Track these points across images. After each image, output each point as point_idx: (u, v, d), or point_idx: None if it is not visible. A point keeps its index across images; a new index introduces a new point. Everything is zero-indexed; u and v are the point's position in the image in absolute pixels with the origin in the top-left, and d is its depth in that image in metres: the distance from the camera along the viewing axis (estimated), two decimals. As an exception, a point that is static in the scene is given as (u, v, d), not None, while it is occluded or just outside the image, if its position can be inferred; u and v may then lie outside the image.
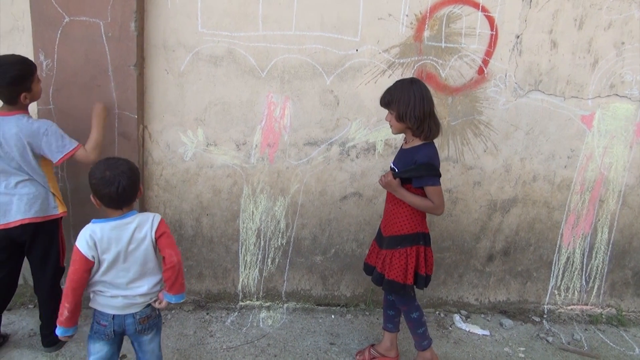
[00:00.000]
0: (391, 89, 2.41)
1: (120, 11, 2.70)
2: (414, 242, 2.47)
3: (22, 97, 2.37)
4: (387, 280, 2.49)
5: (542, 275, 3.49)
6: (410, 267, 2.45)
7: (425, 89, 2.38)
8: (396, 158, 2.56)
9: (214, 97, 2.99)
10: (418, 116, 2.34)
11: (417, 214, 2.48)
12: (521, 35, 3.04)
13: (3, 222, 2.46)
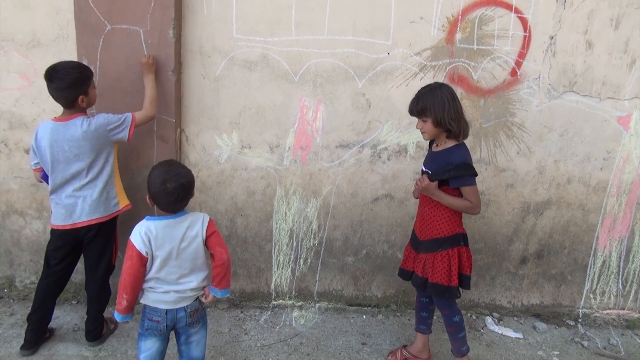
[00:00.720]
0: (421, 97, 2.42)
1: (159, 19, 2.79)
2: (454, 243, 2.49)
3: (79, 100, 2.52)
4: (432, 284, 2.50)
5: (577, 279, 3.44)
6: (454, 268, 2.47)
7: (453, 90, 2.42)
8: (427, 161, 2.58)
9: (248, 101, 3.06)
10: (454, 117, 2.37)
11: (455, 215, 2.50)
12: (555, 36, 3.01)
13: (69, 222, 2.62)
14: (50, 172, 2.58)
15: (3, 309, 3.24)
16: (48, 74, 2.48)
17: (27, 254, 3.34)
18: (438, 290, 2.49)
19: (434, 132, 2.44)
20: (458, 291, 2.53)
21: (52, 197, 2.65)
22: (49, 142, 2.52)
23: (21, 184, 3.19)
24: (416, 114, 2.45)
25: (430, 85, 2.45)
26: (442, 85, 2.43)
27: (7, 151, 3.13)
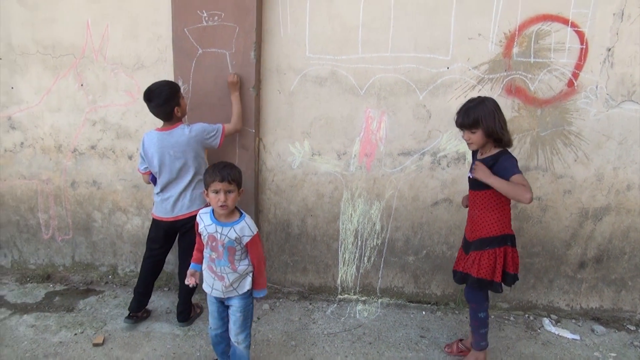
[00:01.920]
0: (470, 110, 2.57)
1: (242, 43, 3.21)
2: (501, 243, 2.64)
3: (175, 111, 3.00)
4: (476, 279, 2.67)
5: (638, 284, 3.49)
6: (499, 266, 2.63)
7: (497, 102, 2.60)
8: (472, 168, 2.72)
9: (318, 113, 3.41)
10: (502, 127, 2.55)
11: (504, 217, 2.65)
12: (612, 48, 3.12)
13: (172, 215, 3.12)
14: (159, 174, 3.08)
15: (108, 292, 3.79)
16: (146, 95, 2.98)
17: (128, 246, 3.86)
18: (482, 284, 2.66)
19: (482, 142, 2.60)
20: (500, 287, 2.67)
21: (159, 194, 3.13)
22: (157, 149, 3.01)
23: (125, 186, 3.72)
24: (467, 127, 2.60)
25: (476, 99, 2.61)
26: (486, 98, 2.60)
27: (115, 157, 3.67)
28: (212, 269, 2.54)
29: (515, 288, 3.58)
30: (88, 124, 3.61)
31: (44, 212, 3.86)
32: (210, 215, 2.51)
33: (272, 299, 3.73)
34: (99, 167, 3.70)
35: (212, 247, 2.50)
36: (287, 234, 3.68)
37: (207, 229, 2.49)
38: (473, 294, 2.78)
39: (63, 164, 3.73)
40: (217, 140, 3.10)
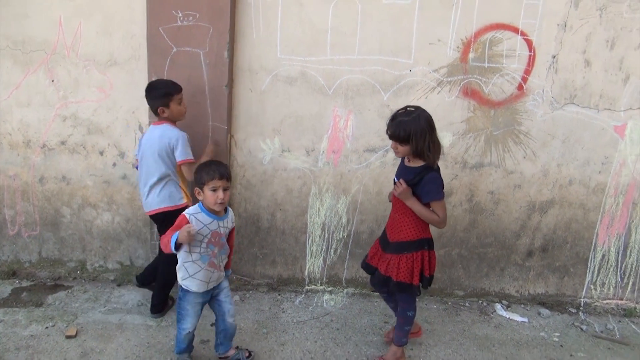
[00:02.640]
0: (404, 124, 2.55)
1: (216, 43, 3.33)
2: (419, 247, 2.74)
3: (160, 110, 3.09)
4: (396, 282, 2.74)
5: (578, 271, 3.83)
6: (416, 269, 2.72)
7: (430, 118, 2.61)
8: (399, 172, 2.81)
9: (288, 111, 3.57)
10: (431, 149, 2.58)
11: (422, 222, 2.72)
12: (557, 56, 3.44)
13: (146, 210, 3.24)
14: (139, 166, 3.19)
15: (77, 287, 3.81)
16: (146, 87, 3.14)
17: (98, 241, 3.90)
18: (401, 288, 2.74)
19: (408, 154, 2.66)
20: (418, 289, 2.79)
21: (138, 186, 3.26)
22: (144, 140, 3.15)
23: (95, 181, 3.76)
24: (399, 140, 2.59)
25: (413, 112, 2.59)
26: (422, 112, 2.59)
27: (85, 153, 3.70)
28: (213, 264, 2.67)
29: (470, 276, 3.86)
30: (58, 119, 3.63)
31: (10, 207, 3.84)
32: (206, 214, 2.60)
33: (242, 290, 3.86)
34: (68, 162, 3.72)
35: (214, 242, 2.63)
36: (257, 228, 3.82)
37: (210, 227, 2.60)
38: (401, 295, 2.84)
39: (31, 159, 3.72)
40: (180, 158, 3.11)
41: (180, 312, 2.76)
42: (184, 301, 2.73)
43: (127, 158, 3.69)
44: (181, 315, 2.75)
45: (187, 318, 2.74)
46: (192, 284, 2.67)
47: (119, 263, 3.93)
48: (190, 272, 2.65)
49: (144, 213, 3.73)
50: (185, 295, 2.72)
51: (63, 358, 2.93)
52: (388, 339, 3.22)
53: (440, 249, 3.80)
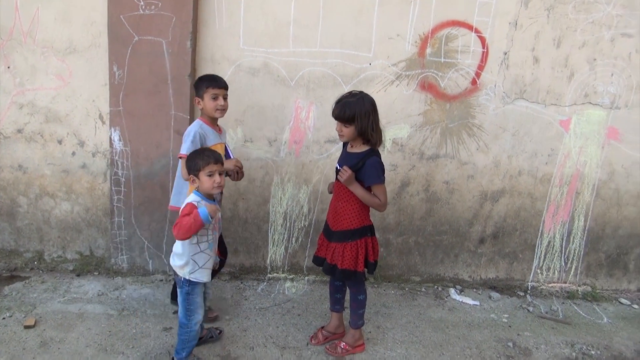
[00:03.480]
0: (350, 105, 2.62)
1: (179, 32, 3.34)
2: (362, 234, 2.79)
3: (195, 100, 2.99)
4: (341, 270, 2.79)
5: (526, 257, 4.06)
6: (360, 256, 2.78)
7: (374, 100, 2.70)
8: (341, 160, 2.85)
9: (251, 102, 3.62)
10: (375, 129, 2.66)
11: (363, 210, 2.79)
12: (508, 52, 3.62)
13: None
14: None
15: (35, 278, 3.75)
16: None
17: (56, 231, 3.85)
18: (346, 275, 2.80)
19: (353, 137, 2.70)
20: (364, 275, 2.85)
21: None
22: None
23: (53, 170, 3.71)
24: (345, 120, 2.65)
25: (357, 94, 2.68)
26: (365, 95, 2.68)
27: (43, 141, 3.64)
28: (215, 250, 2.73)
29: (426, 263, 4.03)
30: (14, 107, 3.56)
31: (-38, 197, 3.75)
32: (206, 200, 2.57)
33: (204, 279, 3.89)
34: (25, 151, 3.65)
35: (216, 227, 2.68)
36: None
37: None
38: (350, 282, 2.91)
39: (-15, 147, 3.64)
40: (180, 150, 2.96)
41: (190, 308, 2.69)
42: (193, 295, 2.68)
43: (86, 147, 3.65)
44: (191, 310, 2.69)
45: (198, 310, 2.71)
46: (202, 275, 2.65)
47: (78, 253, 3.90)
48: (200, 263, 2.62)
49: (104, 202, 3.74)
50: (194, 288, 2.67)
51: (22, 348, 2.91)
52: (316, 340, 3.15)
53: (398, 237, 3.95)
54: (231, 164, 3.01)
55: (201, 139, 2.89)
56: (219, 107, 2.91)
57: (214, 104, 2.91)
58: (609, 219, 3.99)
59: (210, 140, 2.96)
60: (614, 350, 3.31)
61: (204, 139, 2.91)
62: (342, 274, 2.80)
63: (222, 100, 2.92)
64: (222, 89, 2.92)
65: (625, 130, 3.78)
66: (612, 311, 3.87)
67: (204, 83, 2.92)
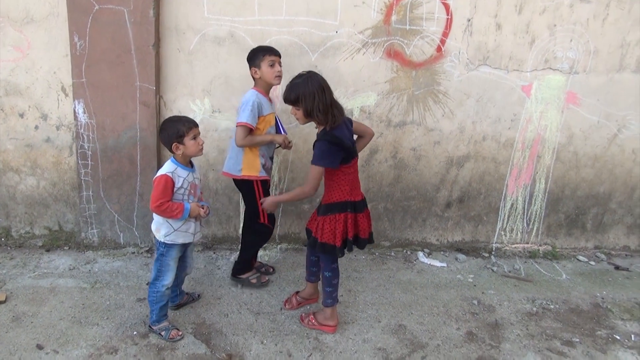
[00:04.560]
0: (295, 87, 2.62)
1: (141, 0, 3.27)
2: (342, 209, 2.76)
3: (252, 71, 3.13)
4: (320, 243, 2.78)
5: (491, 219, 4.21)
6: (338, 231, 2.74)
7: (323, 80, 2.65)
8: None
9: (218, 72, 3.59)
10: (323, 110, 2.59)
11: (344, 184, 2.75)
12: (472, 19, 3.68)
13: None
14: None
15: (3, 254, 3.71)
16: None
17: (22, 207, 3.79)
18: (325, 249, 2.79)
19: (305, 120, 2.70)
20: (341, 251, 2.81)
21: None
22: None
23: (16, 145, 3.63)
24: (289, 102, 2.67)
25: (303, 75, 2.64)
26: (313, 76, 2.63)
27: (4, 115, 3.55)
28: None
29: (395, 228, 4.14)
30: (-29, 80, 3.45)
31: None
32: (182, 168, 2.68)
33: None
34: (-15, 125, 3.56)
35: (193, 193, 2.74)
36: (189, 189, 3.86)
37: (188, 179, 2.69)
38: (324, 257, 2.90)
39: (-57, 122, 3.53)
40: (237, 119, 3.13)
41: (161, 269, 2.77)
42: (167, 257, 2.76)
43: (50, 120, 3.58)
44: (161, 272, 2.78)
45: (168, 273, 2.79)
46: (178, 237, 2.74)
47: (46, 229, 3.85)
48: (175, 226, 2.71)
49: (71, 176, 3.69)
50: (168, 250, 2.75)
51: (-6, 323, 2.90)
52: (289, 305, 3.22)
53: (368, 203, 4.01)
54: (280, 139, 3.20)
55: (259, 107, 3.06)
56: (277, 73, 3.07)
57: (272, 70, 3.06)
58: (568, 181, 4.15)
59: (265, 109, 3.14)
60: (571, 303, 3.50)
61: (260, 108, 3.08)
62: (321, 248, 2.80)
63: (278, 67, 3.08)
64: (278, 56, 3.09)
65: (584, 94, 3.91)
66: (570, 268, 4.07)
67: (259, 52, 3.07)
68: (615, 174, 4.16)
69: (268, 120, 3.19)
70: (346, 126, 2.77)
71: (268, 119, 3.18)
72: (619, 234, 4.37)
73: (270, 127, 3.23)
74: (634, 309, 3.45)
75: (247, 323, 3.04)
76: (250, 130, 3.08)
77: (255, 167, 3.20)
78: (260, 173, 3.21)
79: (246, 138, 3.07)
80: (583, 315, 3.36)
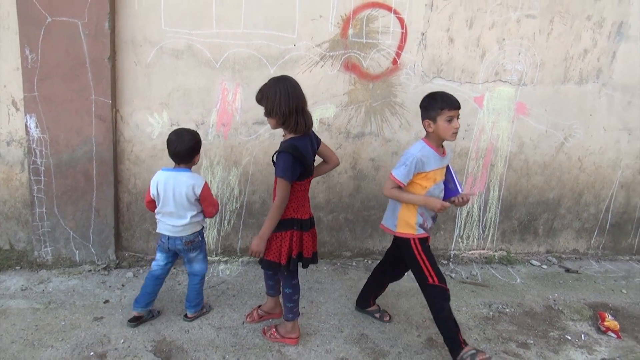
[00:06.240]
0: (262, 87, 2.61)
1: (95, 12, 3.22)
2: (288, 227, 2.71)
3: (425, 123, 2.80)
4: (265, 260, 2.77)
5: (448, 227, 4.32)
6: (284, 249, 2.71)
7: (292, 86, 2.58)
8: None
9: (176, 85, 3.57)
10: (284, 112, 2.53)
11: (293, 201, 2.70)
12: (425, 33, 3.80)
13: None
14: None
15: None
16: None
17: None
18: (268, 266, 2.79)
19: (272, 122, 2.64)
20: (287, 269, 2.76)
21: None
22: None
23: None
24: (257, 102, 2.64)
25: (274, 78, 2.64)
26: (284, 79, 2.61)
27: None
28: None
29: (356, 238, 4.19)
30: None
31: None
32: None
33: (134, 267, 3.83)
34: None
35: None
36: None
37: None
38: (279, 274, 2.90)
39: None
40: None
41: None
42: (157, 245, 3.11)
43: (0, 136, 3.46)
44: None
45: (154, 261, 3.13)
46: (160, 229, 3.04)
47: (-4, 248, 3.71)
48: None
49: (23, 193, 3.57)
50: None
51: (-60, 349, 2.76)
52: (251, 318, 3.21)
53: (329, 214, 4.08)
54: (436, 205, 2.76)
55: (419, 164, 2.73)
56: (455, 130, 2.74)
57: (449, 127, 2.71)
58: (520, 188, 4.32)
59: (431, 164, 2.77)
60: (525, 306, 3.63)
61: (422, 165, 2.74)
62: (265, 265, 2.79)
63: (456, 122, 2.72)
64: (458, 109, 2.73)
65: (532, 105, 4.09)
66: (524, 272, 4.22)
67: (437, 103, 2.71)
68: (563, 180, 4.36)
69: (432, 177, 2.79)
70: (311, 143, 2.74)
71: (432, 175, 2.79)
72: (568, 238, 4.57)
73: (436, 185, 2.83)
74: (584, 310, 3.61)
75: (208, 338, 3.01)
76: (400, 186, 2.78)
77: (410, 225, 2.85)
78: (417, 232, 2.86)
79: (392, 191, 2.79)
80: (536, 317, 3.49)
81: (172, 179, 2.87)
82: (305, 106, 2.65)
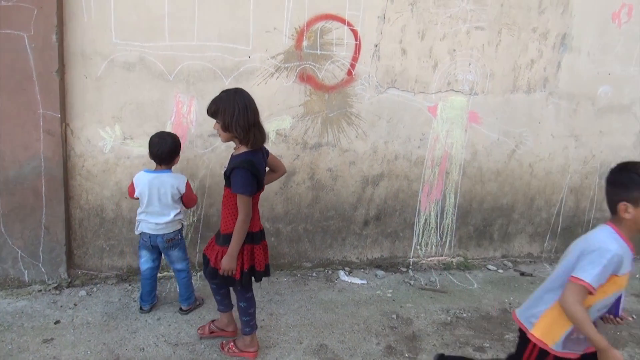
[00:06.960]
0: (217, 99, 2.57)
1: (42, 25, 3.14)
2: None
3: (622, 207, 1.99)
4: (221, 275, 2.72)
5: (407, 235, 4.38)
6: (237, 263, 2.68)
7: (249, 99, 2.57)
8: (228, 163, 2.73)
9: (128, 98, 3.51)
10: (243, 126, 2.52)
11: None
12: (379, 45, 3.86)
13: None
14: None
15: None
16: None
17: None
18: (226, 281, 2.77)
19: (226, 136, 2.61)
20: (239, 283, 2.73)
21: None
22: None
23: None
24: (210, 114, 2.60)
25: (229, 90, 2.61)
26: (240, 92, 2.59)
27: None
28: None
29: (316, 248, 4.19)
30: None
31: None
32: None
33: (88, 285, 3.72)
34: None
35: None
36: (101, 219, 3.70)
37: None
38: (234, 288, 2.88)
39: None
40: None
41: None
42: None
43: (-59, 152, 3.31)
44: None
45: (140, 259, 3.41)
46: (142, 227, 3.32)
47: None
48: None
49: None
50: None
51: None
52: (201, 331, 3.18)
53: (287, 225, 4.07)
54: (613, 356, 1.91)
55: (617, 265, 1.94)
56: None
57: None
58: (475, 194, 4.42)
59: (625, 267, 1.99)
60: (482, 311, 3.70)
61: (619, 266, 1.95)
62: (223, 280, 2.74)
63: None
64: None
65: (484, 114, 4.21)
66: (481, 277, 4.31)
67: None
68: (516, 186, 4.49)
69: (620, 282, 2.02)
70: (263, 156, 2.75)
71: (621, 281, 2.03)
72: (522, 242, 4.70)
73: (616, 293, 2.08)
74: (538, 312, 3.71)
75: (164, 356, 2.94)
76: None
77: (551, 337, 2.10)
78: (555, 347, 2.09)
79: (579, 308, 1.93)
80: (493, 321, 3.57)
81: (156, 180, 3.11)
82: (259, 120, 2.65)
